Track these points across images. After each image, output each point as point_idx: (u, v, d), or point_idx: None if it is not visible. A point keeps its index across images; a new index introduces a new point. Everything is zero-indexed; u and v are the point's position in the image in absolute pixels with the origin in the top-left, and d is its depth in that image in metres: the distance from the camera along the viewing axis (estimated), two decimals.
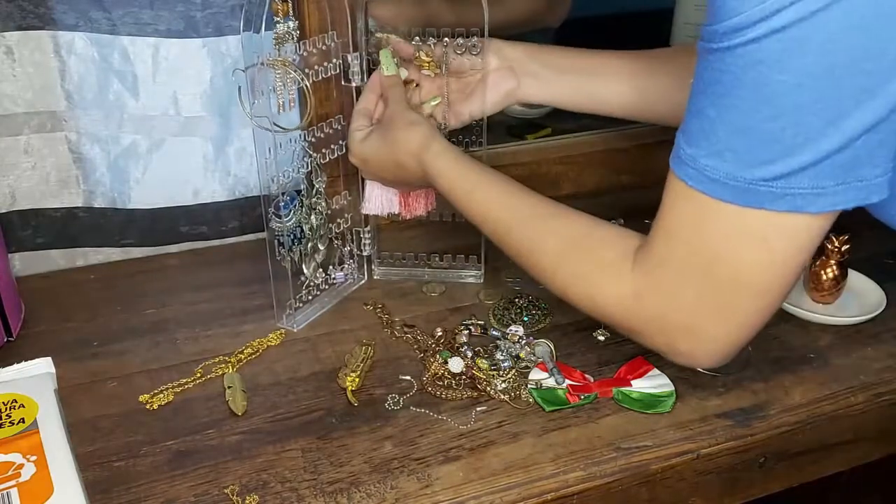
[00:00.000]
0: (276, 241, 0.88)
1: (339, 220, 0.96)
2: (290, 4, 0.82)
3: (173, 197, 1.05)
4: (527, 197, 0.79)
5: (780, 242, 0.61)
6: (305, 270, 0.92)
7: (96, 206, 1.03)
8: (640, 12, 1.30)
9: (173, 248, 1.07)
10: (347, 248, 0.98)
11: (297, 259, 0.91)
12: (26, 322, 0.90)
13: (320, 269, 0.94)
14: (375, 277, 1.00)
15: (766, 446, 0.77)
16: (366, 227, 0.98)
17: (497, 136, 1.06)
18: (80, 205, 1.02)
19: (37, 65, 0.94)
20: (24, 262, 1.02)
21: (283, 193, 0.87)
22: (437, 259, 0.99)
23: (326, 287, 0.96)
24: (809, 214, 0.60)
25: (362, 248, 0.99)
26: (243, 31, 0.80)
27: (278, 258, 0.88)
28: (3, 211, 0.99)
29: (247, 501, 0.68)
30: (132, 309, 0.94)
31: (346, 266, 0.98)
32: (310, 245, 0.92)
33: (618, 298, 0.69)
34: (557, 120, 1.19)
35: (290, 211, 0.88)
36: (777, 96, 0.56)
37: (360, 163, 0.89)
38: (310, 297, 0.93)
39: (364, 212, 0.94)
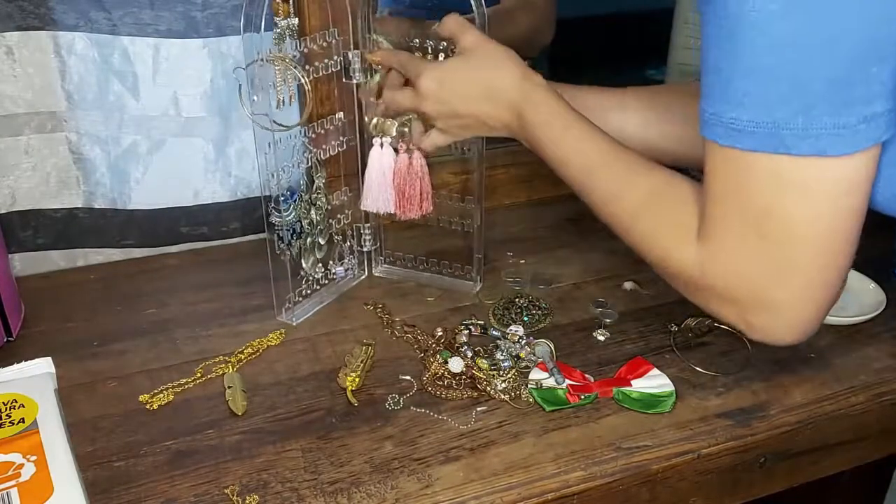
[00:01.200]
0: (275, 235, 0.88)
1: (339, 215, 0.96)
2: (290, 4, 0.82)
3: (174, 197, 1.05)
4: (616, 145, 0.77)
5: (820, 190, 0.61)
6: (304, 265, 0.93)
7: (96, 206, 1.03)
8: (640, 12, 1.30)
9: (173, 249, 1.07)
10: (348, 244, 0.98)
11: (296, 254, 0.91)
12: (26, 322, 0.90)
13: (320, 264, 0.95)
14: (376, 275, 1.00)
15: (767, 446, 0.77)
16: (366, 223, 0.98)
17: None
18: (80, 205, 1.02)
19: (37, 65, 0.94)
20: (25, 263, 1.02)
21: (287, 189, 0.88)
22: (434, 263, 0.99)
23: (326, 282, 0.96)
24: (839, 158, 0.59)
25: (363, 243, 0.99)
26: (244, 31, 0.80)
27: (277, 252, 0.88)
28: (4, 211, 0.99)
29: (247, 501, 0.68)
30: (132, 309, 0.94)
31: (347, 262, 0.98)
32: (309, 240, 0.92)
33: (684, 268, 0.69)
34: None
35: (290, 206, 0.89)
36: (777, 32, 0.58)
37: (435, 84, 0.82)
38: (309, 292, 0.93)
39: (363, 208, 0.94)
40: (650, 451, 0.73)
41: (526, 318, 0.91)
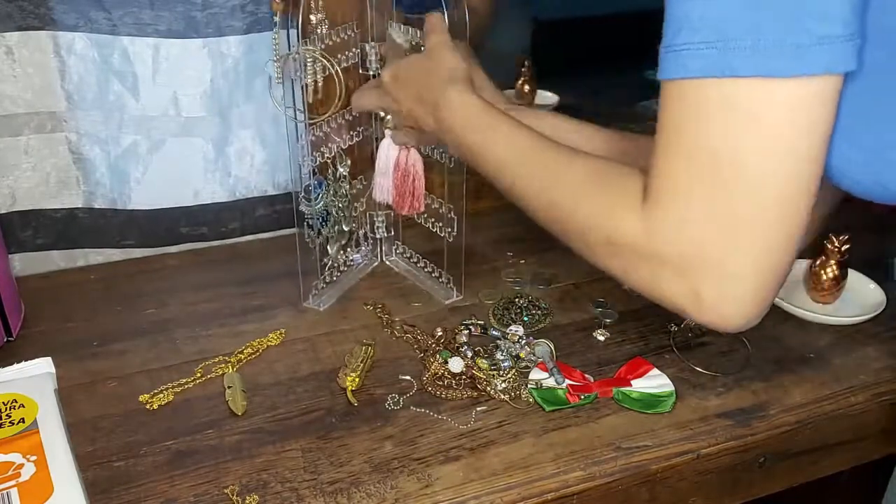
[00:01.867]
0: (305, 224, 0.91)
1: (356, 203, 0.98)
2: (289, 3, 0.82)
3: (173, 198, 1.05)
4: (546, 138, 0.73)
5: (771, 121, 0.55)
6: (330, 251, 0.96)
7: (96, 206, 1.03)
8: (640, 12, 1.30)
9: (173, 249, 1.07)
10: (363, 231, 1.01)
11: (324, 241, 0.94)
12: (26, 322, 0.90)
13: (342, 251, 0.98)
14: (387, 263, 1.03)
15: (766, 446, 0.77)
16: (379, 211, 1.00)
17: None
18: (80, 205, 1.02)
19: (37, 65, 0.94)
20: (25, 263, 1.02)
21: (315, 179, 0.91)
22: (431, 264, 0.99)
23: (346, 269, 0.99)
24: (789, 80, 0.54)
25: (375, 230, 1.01)
26: (279, 27, 0.83)
27: (307, 240, 0.91)
28: (4, 211, 0.99)
29: (247, 501, 0.68)
30: (132, 309, 0.94)
31: (363, 248, 1.01)
32: (336, 227, 0.95)
33: (628, 238, 0.61)
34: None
35: (320, 195, 0.91)
36: None
37: (390, 80, 0.84)
38: (333, 278, 0.96)
39: (373, 197, 0.96)
40: (650, 451, 0.73)
41: (526, 318, 0.91)
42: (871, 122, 0.57)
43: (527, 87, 1.28)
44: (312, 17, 0.85)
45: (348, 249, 0.99)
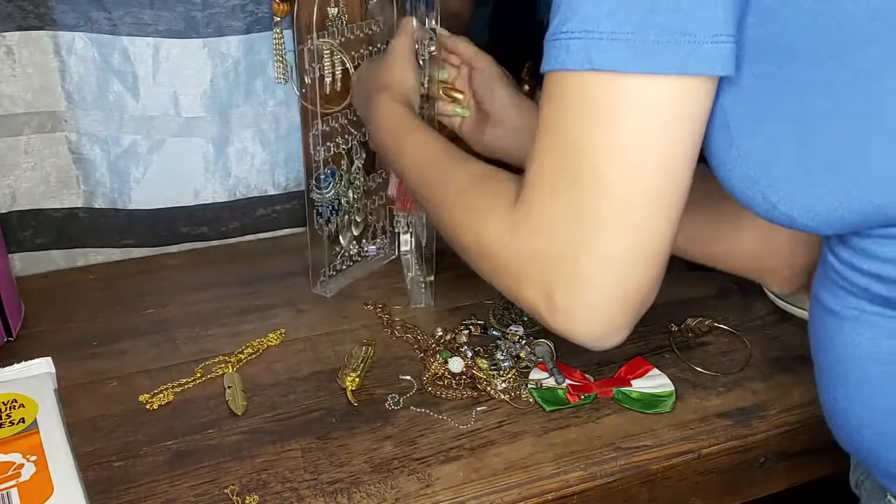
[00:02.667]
0: (315, 211, 0.93)
1: (374, 196, 1.00)
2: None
3: (174, 197, 1.05)
4: (454, 146, 0.74)
5: (623, 120, 0.52)
6: (342, 241, 0.98)
7: (96, 206, 1.03)
8: None
9: (173, 249, 1.07)
10: (381, 224, 1.02)
11: (333, 230, 0.96)
12: (26, 322, 0.90)
13: (354, 241, 0.99)
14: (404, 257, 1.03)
15: (767, 446, 0.77)
16: (395, 203, 1.00)
17: None
18: (80, 205, 1.02)
19: (37, 65, 0.94)
20: (25, 263, 1.02)
21: (327, 168, 0.93)
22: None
23: (360, 259, 1.00)
24: (640, 76, 0.50)
25: (395, 224, 1.02)
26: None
27: (316, 227, 0.93)
28: (4, 211, 0.99)
29: (247, 501, 0.68)
30: (132, 309, 0.94)
31: (379, 241, 1.02)
32: (346, 217, 0.97)
33: (497, 233, 0.59)
34: None
35: (330, 184, 0.93)
36: None
37: (356, 79, 0.89)
38: (343, 267, 0.98)
39: (388, 192, 0.98)
40: (650, 451, 0.73)
41: (526, 318, 0.91)
42: (754, 134, 0.54)
43: (527, 87, 1.28)
44: (332, 11, 0.88)
45: (363, 241, 1.01)
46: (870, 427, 0.60)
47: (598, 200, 0.53)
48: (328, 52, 0.88)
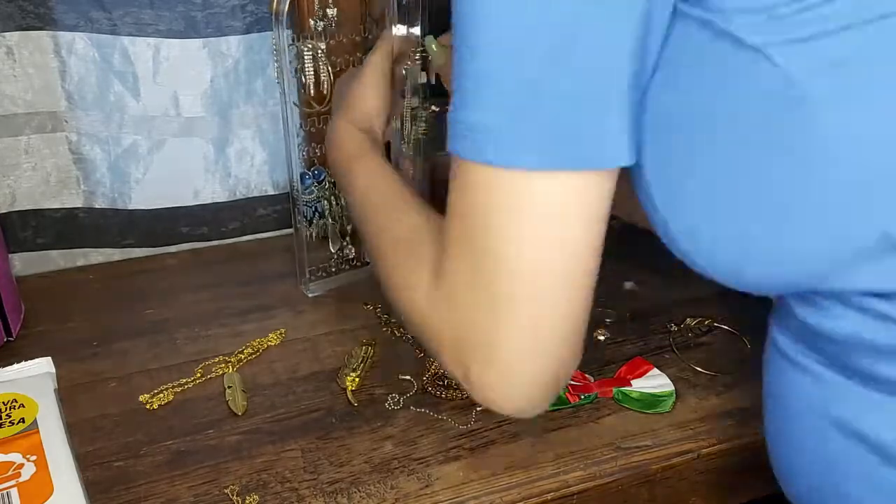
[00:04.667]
0: (295, 209, 0.93)
1: None
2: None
3: (174, 198, 1.05)
4: (402, 185, 0.73)
5: (525, 213, 0.51)
6: (332, 248, 0.97)
7: (97, 206, 1.03)
8: None
9: (173, 249, 1.07)
10: None
11: (316, 233, 0.96)
12: (26, 322, 0.90)
13: (351, 247, 0.99)
14: None
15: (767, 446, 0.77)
16: None
17: None
18: (80, 205, 1.02)
19: (37, 65, 0.94)
20: (25, 263, 1.02)
21: (314, 169, 0.93)
22: None
23: (359, 264, 1.00)
24: (530, 173, 0.50)
25: None
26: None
27: (299, 227, 0.92)
28: (4, 211, 0.99)
29: (247, 501, 0.68)
30: (132, 309, 0.94)
31: None
32: (332, 222, 0.97)
33: (419, 300, 0.60)
34: None
35: (312, 185, 0.93)
36: (464, 9, 0.50)
37: (336, 91, 0.88)
38: (333, 270, 0.97)
39: None
40: (650, 451, 0.73)
41: None
42: (675, 207, 0.54)
43: None
44: (331, 12, 0.87)
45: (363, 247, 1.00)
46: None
47: (505, 286, 0.53)
48: (309, 54, 0.87)
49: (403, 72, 0.86)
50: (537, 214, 0.51)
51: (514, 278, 0.53)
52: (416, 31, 0.85)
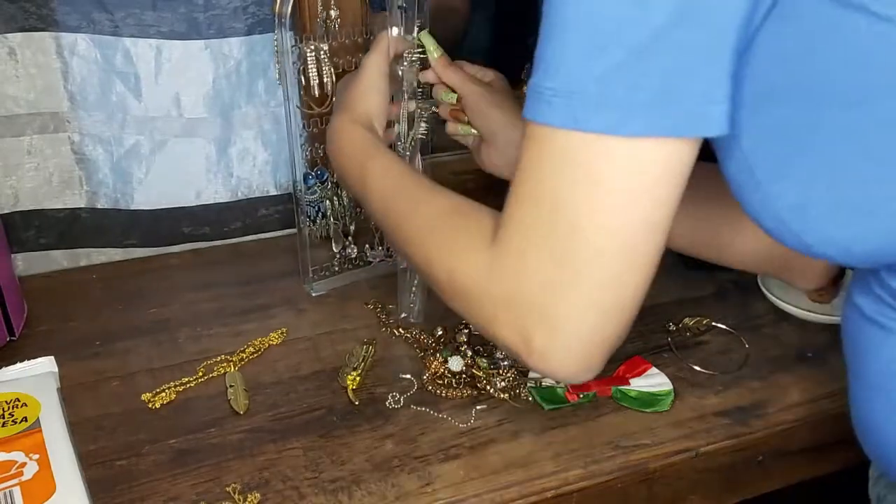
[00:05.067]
0: (298, 209, 0.93)
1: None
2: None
3: (176, 198, 1.05)
4: (418, 173, 0.74)
5: (608, 180, 0.51)
6: (334, 247, 0.98)
7: (99, 206, 1.03)
8: None
9: (175, 249, 1.07)
10: (379, 233, 1.02)
11: (319, 233, 0.96)
12: (29, 321, 0.91)
13: (353, 246, 0.99)
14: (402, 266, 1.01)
15: (765, 444, 0.77)
16: None
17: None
18: (82, 205, 1.03)
19: (39, 66, 0.94)
20: (27, 263, 1.03)
21: (317, 170, 0.94)
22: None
23: (361, 263, 1.00)
24: (628, 139, 0.50)
25: None
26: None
27: (302, 227, 0.93)
28: (7, 211, 0.99)
29: (248, 500, 0.68)
30: (134, 308, 0.94)
31: (383, 248, 1.02)
32: (334, 222, 0.97)
33: (471, 276, 0.59)
34: None
35: (315, 185, 0.94)
36: None
37: (337, 92, 0.88)
38: (335, 269, 0.98)
39: None
40: (648, 450, 0.74)
41: None
42: (783, 178, 0.54)
43: (525, 88, 1.28)
44: (331, 13, 0.88)
45: (366, 246, 1.01)
46: None
47: (575, 252, 0.54)
48: (312, 55, 0.87)
49: (400, 72, 0.86)
50: (624, 181, 0.51)
51: (592, 246, 0.53)
52: (413, 33, 0.85)
